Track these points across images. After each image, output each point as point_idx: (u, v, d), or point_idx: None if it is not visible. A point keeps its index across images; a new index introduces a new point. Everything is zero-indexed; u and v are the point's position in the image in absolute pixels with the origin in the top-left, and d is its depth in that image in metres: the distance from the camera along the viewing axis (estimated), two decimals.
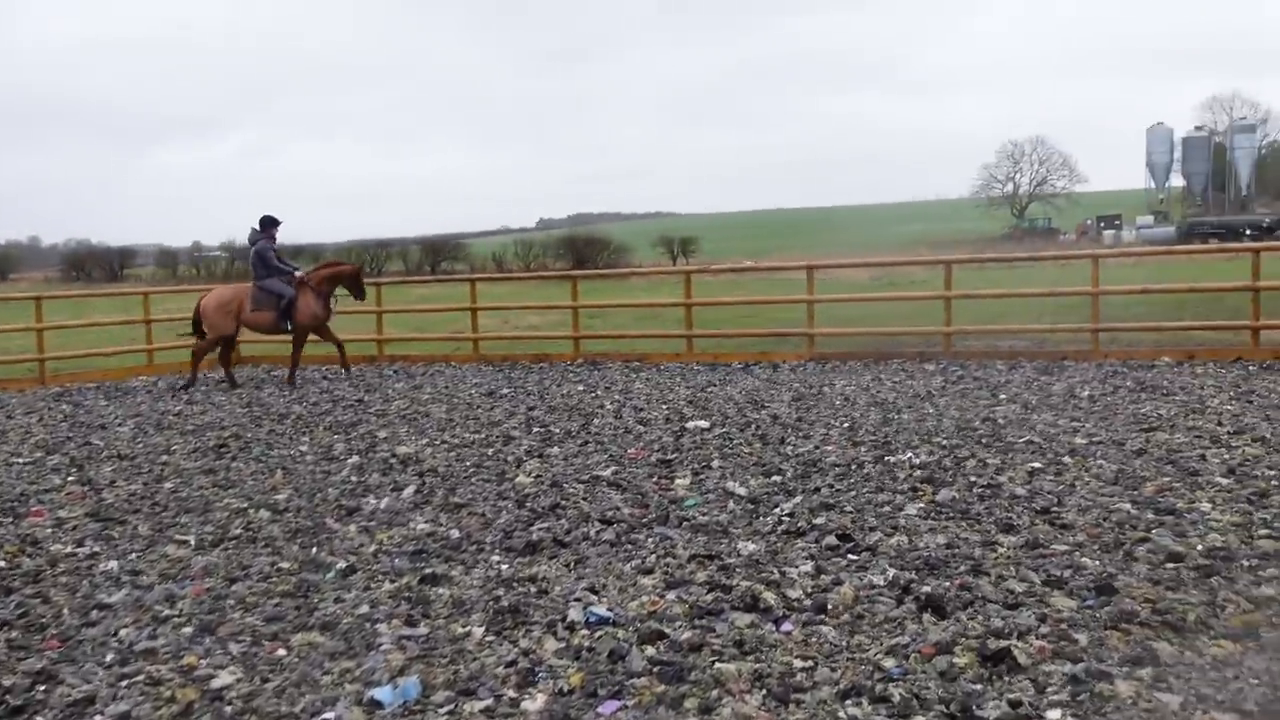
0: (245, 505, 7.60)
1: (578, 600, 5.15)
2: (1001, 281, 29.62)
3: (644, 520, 6.68)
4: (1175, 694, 3.85)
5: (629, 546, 6.13)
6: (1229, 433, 8.63)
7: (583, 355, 16.66)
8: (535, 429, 10.41)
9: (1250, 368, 12.52)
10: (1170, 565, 5.33)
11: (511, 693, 4.12)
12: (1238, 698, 3.79)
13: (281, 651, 4.70)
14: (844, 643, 4.50)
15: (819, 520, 6.46)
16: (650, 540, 6.23)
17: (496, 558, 6.02)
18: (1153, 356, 13.63)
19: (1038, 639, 4.41)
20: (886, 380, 12.84)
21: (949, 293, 15.20)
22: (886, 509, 6.71)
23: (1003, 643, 4.33)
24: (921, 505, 6.76)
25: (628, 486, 7.68)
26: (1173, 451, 8.01)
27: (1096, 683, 3.95)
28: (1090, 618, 4.65)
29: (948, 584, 5.16)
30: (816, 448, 8.81)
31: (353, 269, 15.87)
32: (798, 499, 7.06)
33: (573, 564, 5.84)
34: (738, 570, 5.56)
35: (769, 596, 5.08)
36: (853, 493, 7.17)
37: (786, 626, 4.72)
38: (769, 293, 24.13)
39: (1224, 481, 7.03)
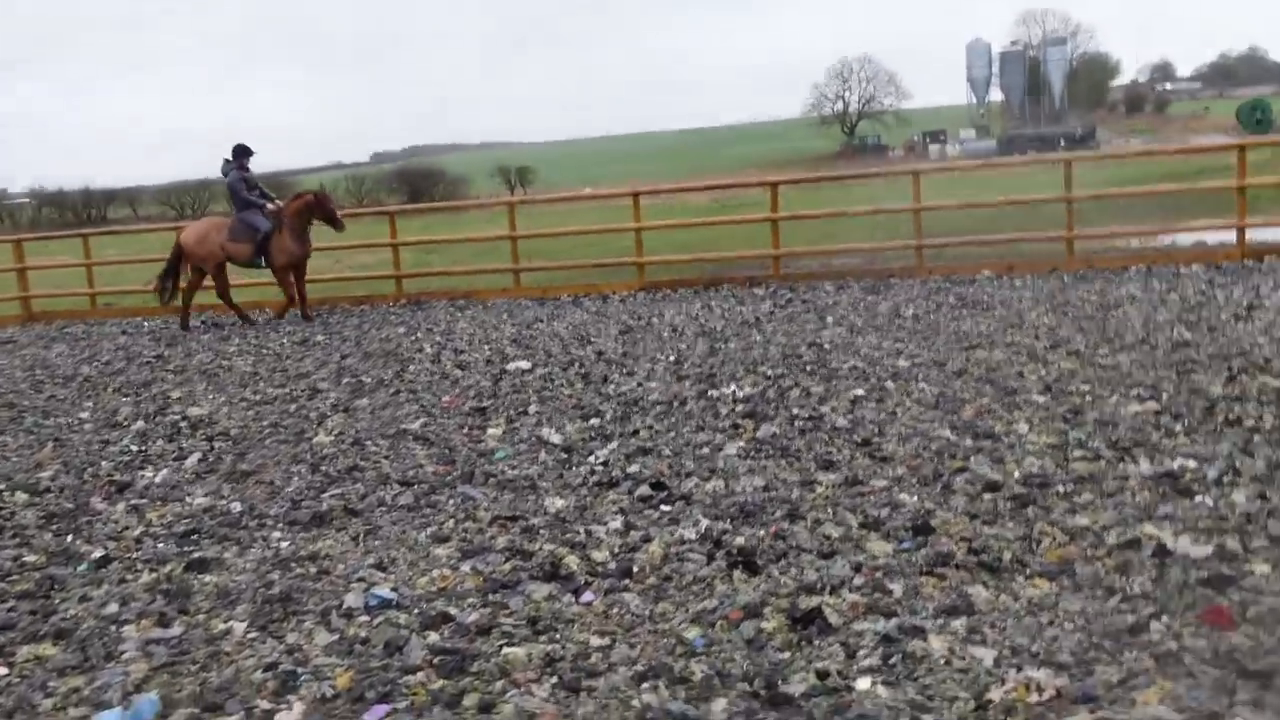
0: (1, 488, 6.77)
1: (360, 581, 4.64)
2: (834, 200, 29.86)
3: (448, 479, 6.19)
4: (989, 647, 3.61)
5: (427, 510, 5.64)
6: (1045, 347, 8.63)
7: (406, 295, 15.89)
8: (345, 379, 9.73)
9: (1065, 278, 12.72)
10: (988, 496, 5.15)
11: (265, 704, 3.60)
12: (1052, 647, 3.57)
13: (2, 670, 4.05)
14: (647, 612, 4.14)
15: (633, 468, 6.09)
16: (451, 502, 5.75)
17: (278, 534, 5.44)
18: (974, 271, 13.74)
19: (851, 592, 4.13)
20: (716, 308, 12.58)
21: (775, 215, 14.99)
22: (705, 450, 6.39)
23: (814, 600, 4.03)
24: (742, 444, 6.46)
25: (435, 440, 7.16)
26: (992, 370, 7.93)
27: (909, 640, 3.68)
28: (906, 562, 4.41)
29: (762, 533, 4.86)
30: (640, 385, 8.45)
31: (316, 197, 14.57)
32: (614, 444, 6.68)
33: (362, 535, 5.31)
34: (542, 532, 5.14)
35: (572, 561, 4.68)
36: (672, 434, 6.83)
37: (587, 596, 4.32)
38: (601, 221, 23.64)
39: (1040, 399, 6.95)
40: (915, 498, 5.22)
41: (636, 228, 15.41)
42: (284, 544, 5.27)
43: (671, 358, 9.51)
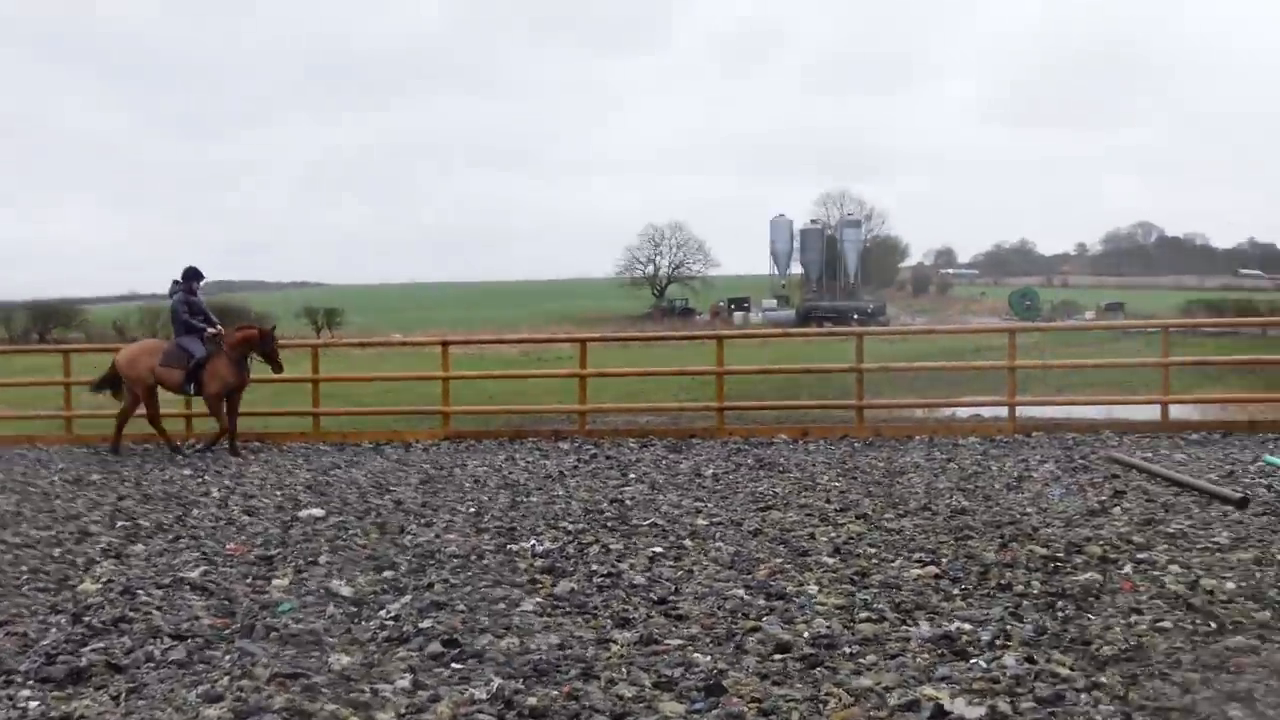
0: None
1: None
2: (642, 360, 30.58)
3: (225, 632, 5.84)
4: None
5: (200, 667, 5.29)
6: (836, 510, 8.96)
7: (195, 435, 15.18)
8: (120, 522, 9.14)
9: (855, 444, 13.32)
10: (778, 656, 5.24)
11: None
12: None
13: None
14: None
15: (426, 623, 5.91)
16: (227, 658, 5.41)
17: (26, 692, 4.97)
18: (772, 434, 14.23)
19: None
20: (520, 460, 12.54)
21: (584, 371, 15.21)
22: (502, 605, 6.27)
23: None
24: (539, 600, 6.39)
25: (215, 590, 6.77)
26: (786, 531, 8.16)
27: None
28: None
29: (555, 693, 4.77)
30: (438, 536, 8.28)
31: (261, 333, 13.89)
32: (407, 598, 6.48)
33: (124, 694, 4.92)
34: (324, 691, 4.89)
35: None
36: (468, 588, 6.68)
37: None
38: (409, 368, 23.40)
39: (830, 561, 7.18)
40: (708, 657, 5.26)
41: (445, 376, 15.32)
42: (33, 704, 4.82)
43: (472, 509, 9.39)
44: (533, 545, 7.84)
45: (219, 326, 14.02)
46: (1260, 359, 21.93)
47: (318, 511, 9.37)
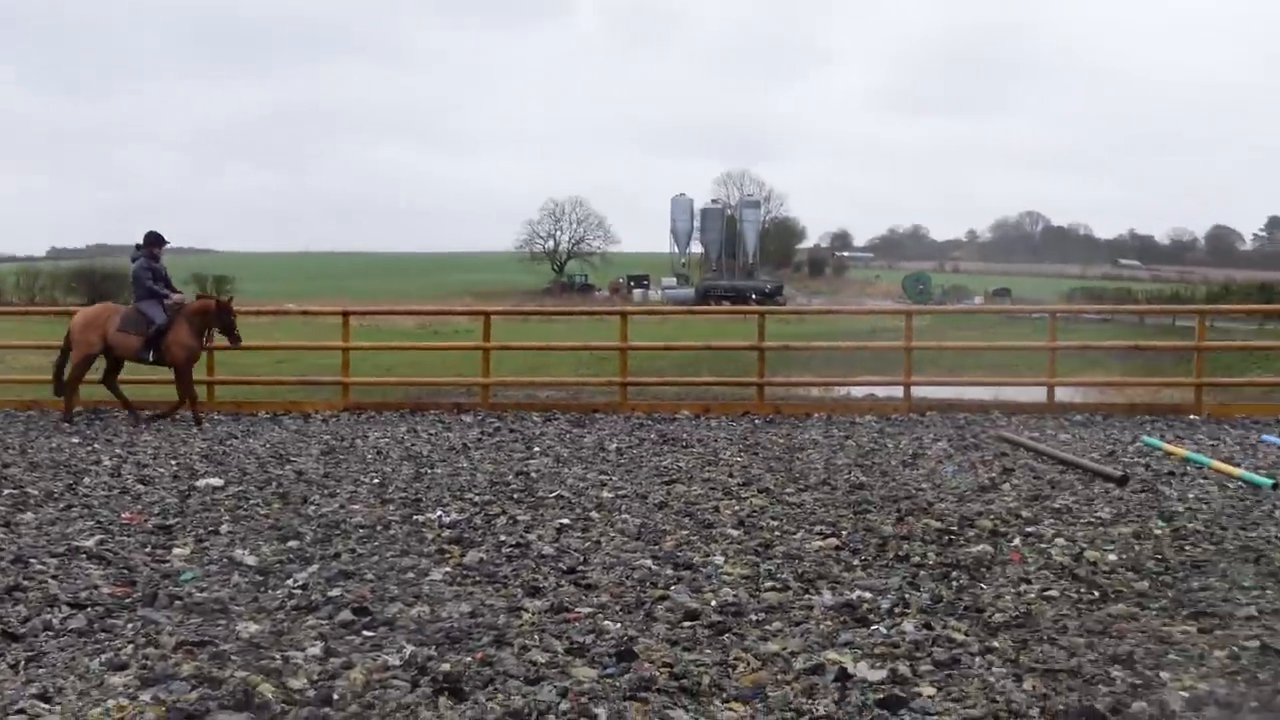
0: None
1: (21, 713, 4.19)
2: (542, 334, 30.53)
3: (126, 601, 5.73)
4: None
5: (102, 635, 5.18)
6: (739, 484, 9.14)
7: (83, 403, 14.69)
8: (7, 490, 8.84)
9: (756, 421, 13.56)
10: (687, 624, 5.36)
11: None
12: None
13: None
14: None
15: (335, 592, 5.89)
16: (130, 626, 5.32)
17: None
18: (674, 410, 14.39)
19: (558, 717, 4.16)
20: (423, 432, 12.46)
21: (487, 344, 15.15)
22: (410, 575, 6.28)
23: None
24: (448, 569, 6.40)
25: (113, 559, 6.62)
26: (690, 504, 8.30)
27: None
28: (611, 687, 4.49)
29: (468, 659, 4.81)
30: (342, 507, 8.21)
31: (218, 304, 13.37)
32: (314, 567, 6.43)
33: (23, 663, 4.80)
34: (233, 658, 4.84)
35: (267, 689, 4.43)
36: (376, 558, 6.67)
37: None
38: (306, 338, 22.98)
39: (734, 533, 7.34)
40: (619, 624, 5.35)
41: (344, 347, 15.10)
42: None
43: (376, 480, 9.32)
44: (439, 516, 7.84)
45: (181, 294, 13.59)
46: (1138, 344, 22.92)
47: (216, 481, 9.20)
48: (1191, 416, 13.85)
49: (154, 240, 13.54)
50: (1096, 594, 5.91)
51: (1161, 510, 8.04)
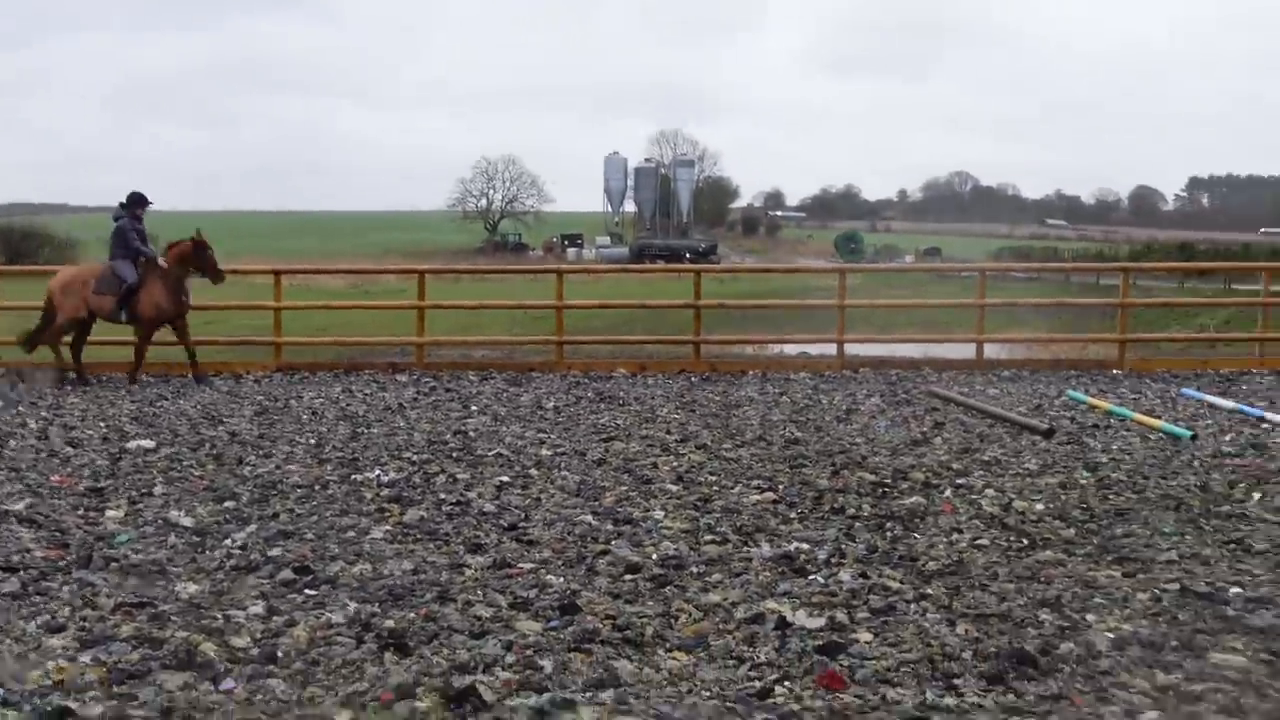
0: None
1: None
2: (475, 293, 30.30)
3: (61, 564, 5.64)
4: (636, 716, 3.81)
5: (37, 599, 5.11)
6: (676, 441, 9.22)
7: (4, 363, 14.31)
8: None
9: (692, 379, 13.66)
10: (629, 577, 5.43)
11: None
12: (691, 714, 3.82)
13: None
14: (294, 696, 3.99)
15: (274, 551, 5.85)
16: (66, 589, 5.24)
17: None
18: (610, 368, 14.43)
19: (504, 670, 4.20)
20: (358, 392, 12.36)
21: (423, 303, 15.03)
22: (351, 534, 6.26)
23: (468, 679, 4.06)
24: (389, 527, 6.40)
25: (44, 522, 6.50)
26: (629, 460, 8.36)
27: (561, 713, 3.81)
28: (555, 640, 4.55)
29: (413, 615, 4.83)
30: (278, 467, 8.14)
31: (194, 243, 12.91)
32: (252, 527, 6.38)
33: None
34: (174, 619, 4.81)
35: (209, 648, 4.41)
36: (315, 517, 6.63)
37: (228, 684, 4.10)
38: (236, 297, 22.59)
39: (673, 488, 7.42)
40: (561, 579, 5.40)
41: (276, 306, 14.87)
42: None
43: (312, 440, 9.24)
44: (378, 475, 7.81)
45: (159, 257, 13.23)
46: (1064, 302, 23.45)
47: (147, 443, 9.05)
48: (1114, 371, 14.23)
49: (137, 201, 13.21)
50: (1025, 542, 6.09)
51: (1086, 461, 8.28)
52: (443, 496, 7.18)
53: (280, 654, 4.37)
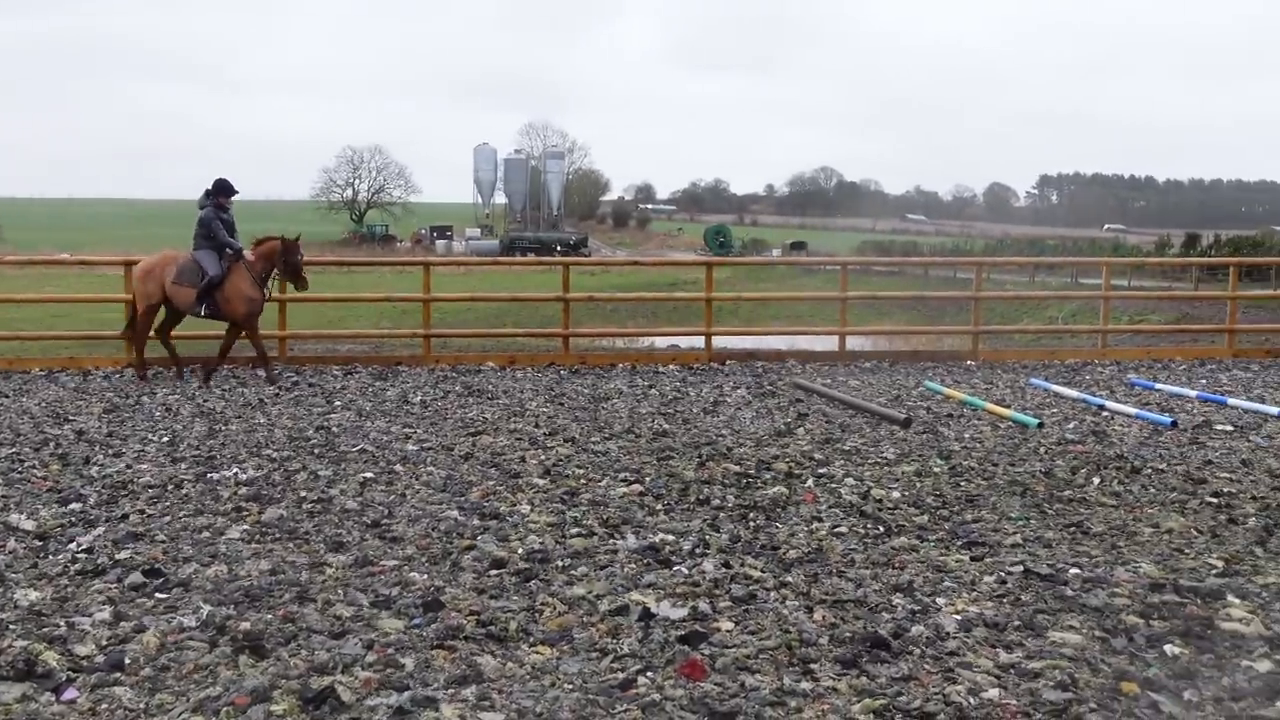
0: None
1: None
2: (341, 286, 29.64)
3: None
4: (498, 711, 3.80)
5: None
6: (545, 434, 9.21)
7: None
8: None
9: (562, 372, 13.65)
10: (494, 572, 5.41)
11: None
12: (554, 708, 3.83)
13: None
14: (142, 705, 3.85)
15: (123, 554, 5.64)
16: None
17: None
18: (479, 361, 14.32)
19: (364, 669, 4.14)
20: (216, 388, 11.97)
21: (284, 296, 14.62)
22: (206, 534, 6.07)
23: (326, 680, 3.99)
24: (246, 527, 6.22)
25: None
26: (497, 455, 8.32)
27: (422, 711, 3.78)
28: (418, 637, 4.50)
29: (270, 616, 4.71)
30: (129, 466, 7.83)
31: (285, 242, 12.20)
32: (100, 529, 6.13)
33: None
34: (12, 627, 4.59)
35: (50, 657, 4.23)
36: (168, 518, 6.41)
37: (70, 694, 3.93)
38: (87, 289, 21.64)
39: (541, 482, 7.42)
40: (425, 576, 5.35)
41: (128, 299, 14.27)
42: None
43: (165, 438, 8.93)
44: (235, 473, 7.59)
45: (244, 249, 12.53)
46: (922, 295, 24.22)
47: None
48: (969, 362, 14.78)
49: (222, 189, 12.55)
50: (881, 529, 6.28)
51: (940, 450, 8.58)
52: (304, 494, 7.02)
53: (128, 661, 4.22)
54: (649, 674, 4.14)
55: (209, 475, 7.54)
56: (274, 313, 14.61)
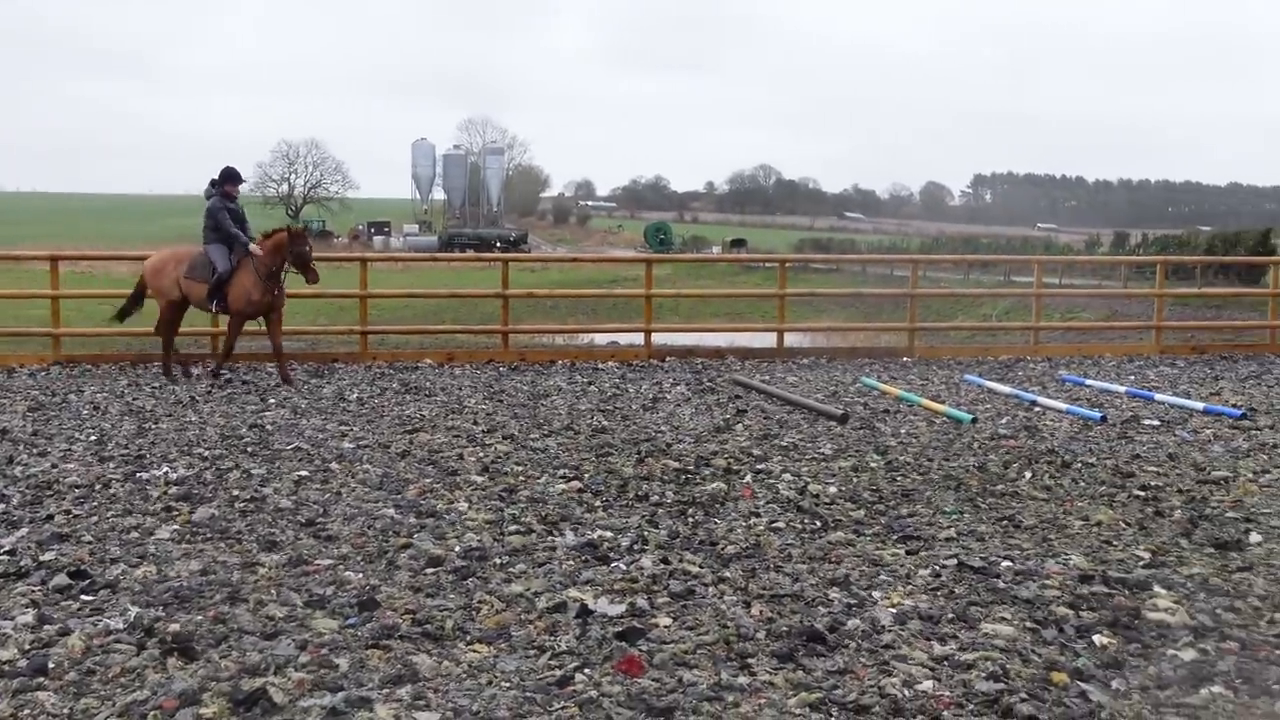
0: None
1: None
2: None
3: None
4: (433, 711, 3.76)
5: None
6: (483, 431, 9.15)
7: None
8: None
9: (501, 369, 13.58)
10: (430, 570, 5.36)
11: None
12: (491, 706, 3.80)
13: None
14: (66, 710, 3.75)
15: (48, 556, 5.50)
16: None
17: None
18: (417, 358, 14.18)
19: (297, 670, 4.08)
20: (146, 386, 11.72)
21: None
22: (134, 535, 5.95)
23: (258, 681, 3.92)
24: (176, 527, 6.10)
25: None
26: (434, 452, 8.25)
27: (356, 712, 3.73)
28: (352, 637, 4.44)
29: (200, 618, 4.62)
30: (54, 466, 7.64)
31: (291, 232, 11.73)
32: (23, 531, 5.98)
33: None
34: None
35: None
36: (95, 518, 6.27)
37: None
38: (6, 285, 21.08)
39: (479, 479, 7.36)
40: (361, 574, 5.28)
41: (54, 295, 13.94)
42: None
43: (93, 437, 8.73)
44: (165, 472, 7.44)
45: (255, 240, 12.10)
46: (860, 292, 24.47)
47: None
48: (905, 358, 14.96)
49: (229, 177, 12.17)
50: (818, 524, 6.33)
51: (877, 445, 8.67)
52: (236, 493, 6.90)
53: (51, 665, 4.11)
54: (587, 671, 4.13)
55: (138, 474, 7.38)
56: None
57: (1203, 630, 4.66)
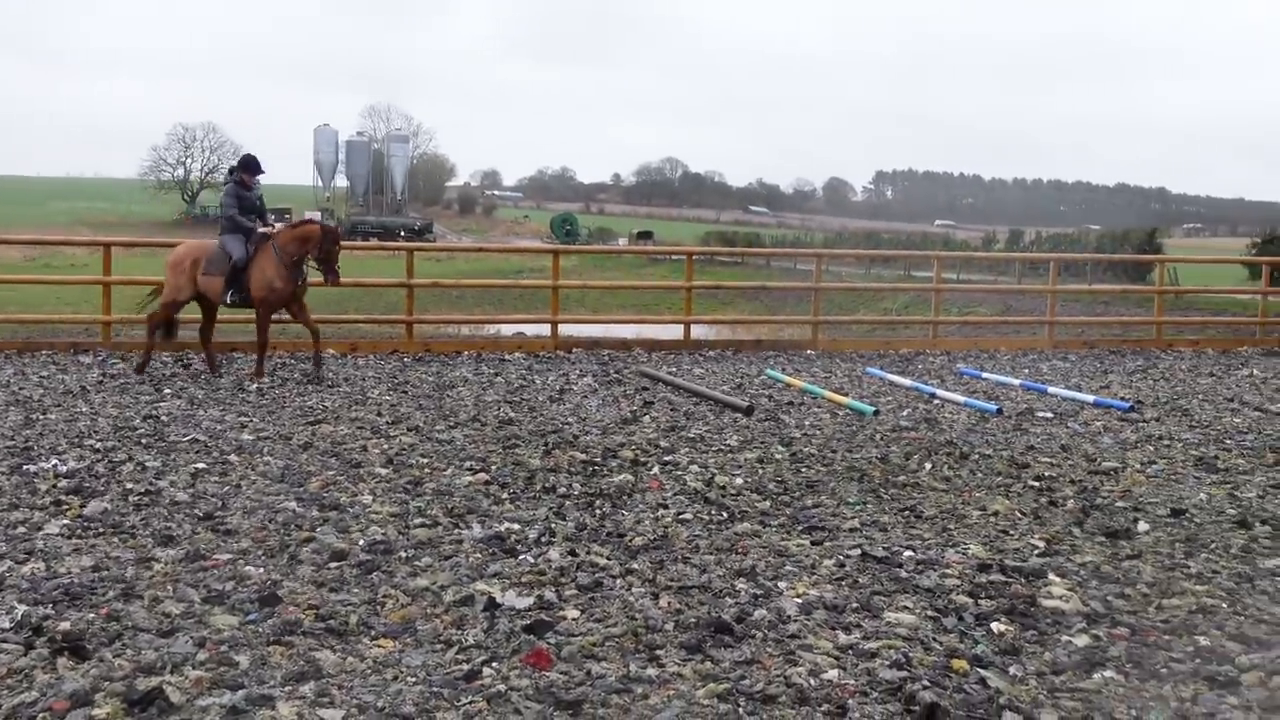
0: None
1: None
2: None
3: None
4: (338, 708, 3.69)
5: None
6: (388, 423, 9.01)
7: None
8: None
9: (405, 359, 13.40)
10: (334, 564, 5.26)
11: None
12: (396, 701, 3.75)
13: None
14: None
15: None
16: None
17: None
18: (320, 348, 13.87)
19: (195, 668, 3.96)
20: (33, 375, 11.29)
21: (109, 278, 13.91)
22: (21, 530, 5.72)
23: (154, 680, 3.80)
24: (66, 522, 5.88)
25: None
26: (337, 444, 8.10)
27: (257, 710, 3.64)
28: (253, 634, 4.34)
29: (92, 615, 4.46)
30: None
31: (325, 229, 11.05)
32: None
33: None
34: None
35: None
36: None
37: None
38: None
39: (383, 472, 7.26)
40: (261, 569, 5.16)
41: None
42: None
43: None
44: (54, 465, 7.17)
45: (273, 224, 11.44)
46: (765, 285, 24.73)
47: None
48: (809, 351, 15.17)
49: (247, 165, 11.50)
50: (725, 515, 6.38)
51: (782, 437, 8.78)
52: (130, 486, 6.68)
53: None
54: (494, 664, 4.10)
55: (25, 467, 7.10)
56: (99, 296, 13.89)
57: (1095, 617, 4.82)
